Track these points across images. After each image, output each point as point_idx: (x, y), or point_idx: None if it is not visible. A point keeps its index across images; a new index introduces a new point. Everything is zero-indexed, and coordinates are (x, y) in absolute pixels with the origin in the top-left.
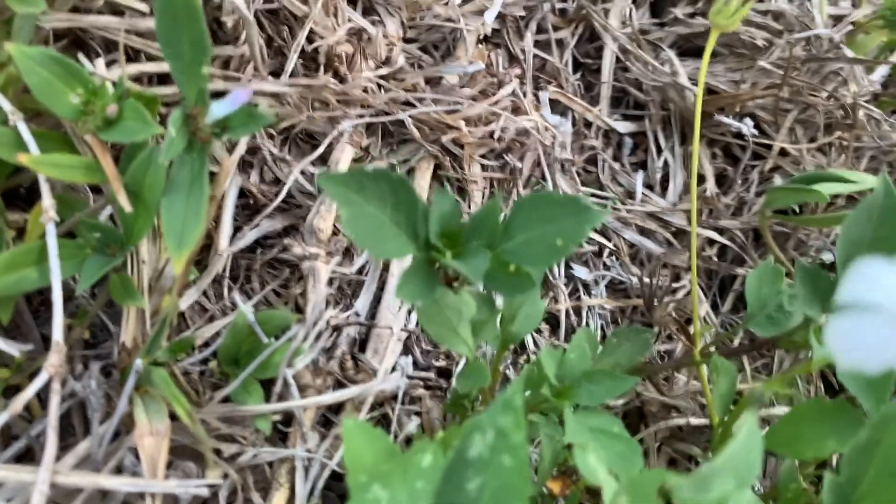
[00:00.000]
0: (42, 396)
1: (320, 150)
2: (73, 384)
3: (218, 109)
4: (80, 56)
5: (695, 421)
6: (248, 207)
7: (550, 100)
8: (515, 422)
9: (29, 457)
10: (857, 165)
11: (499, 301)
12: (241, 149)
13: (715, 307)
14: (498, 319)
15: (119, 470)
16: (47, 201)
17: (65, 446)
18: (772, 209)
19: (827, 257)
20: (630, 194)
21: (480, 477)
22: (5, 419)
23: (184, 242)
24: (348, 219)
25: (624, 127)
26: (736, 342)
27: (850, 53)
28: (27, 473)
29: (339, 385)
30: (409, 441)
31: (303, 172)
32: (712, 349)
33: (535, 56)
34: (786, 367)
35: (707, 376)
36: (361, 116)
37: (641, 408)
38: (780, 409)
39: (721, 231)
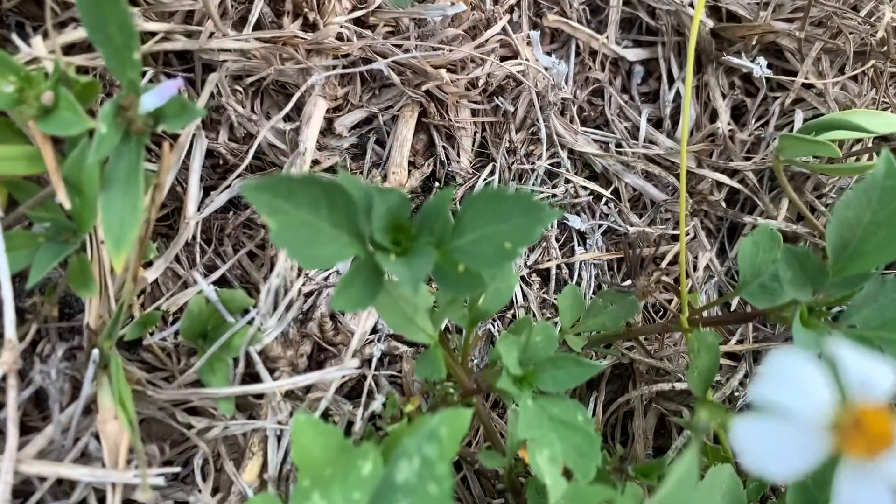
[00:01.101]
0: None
1: (288, 107)
2: (38, 368)
3: (148, 101)
4: (14, 36)
5: (680, 385)
6: (220, 167)
7: (552, 29)
8: (440, 452)
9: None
10: (892, 98)
11: None
12: (191, 126)
13: (723, 252)
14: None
15: (85, 453)
16: None
17: (45, 416)
18: (784, 157)
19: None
20: (638, 130)
21: (408, 500)
22: None
23: (122, 243)
24: (277, 230)
25: (634, 54)
26: (734, 304)
27: None
28: None
29: (318, 347)
30: (385, 405)
31: (275, 128)
32: (704, 313)
33: None
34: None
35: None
36: (334, 67)
37: (631, 363)
38: None
39: (733, 173)
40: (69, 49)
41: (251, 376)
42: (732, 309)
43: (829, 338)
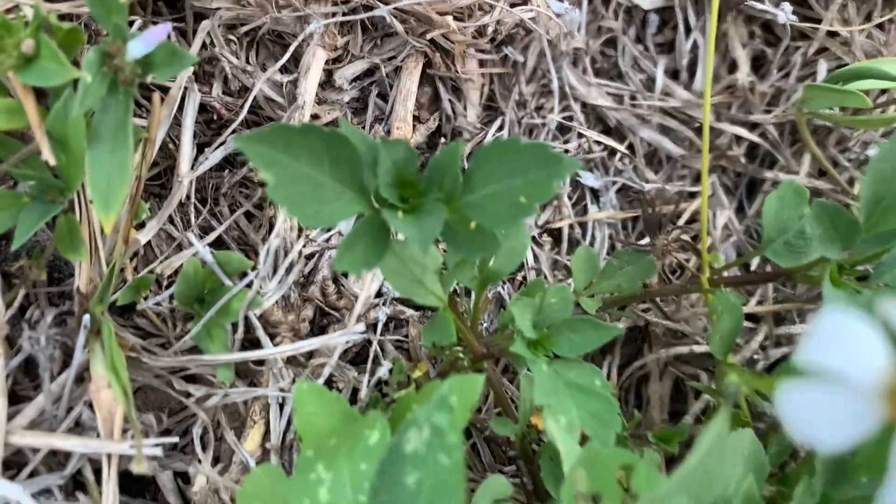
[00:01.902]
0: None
1: (285, 58)
2: (27, 334)
3: (136, 48)
4: None
5: (698, 348)
6: (214, 122)
7: None
8: (450, 421)
9: None
10: None
11: None
12: (182, 78)
13: (741, 209)
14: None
15: (78, 423)
16: None
17: (37, 384)
18: (808, 109)
19: (875, 153)
20: (653, 82)
21: (418, 472)
22: None
23: (110, 202)
24: (275, 184)
25: (649, 2)
26: (754, 264)
27: None
28: None
29: (320, 312)
30: (391, 371)
31: (271, 80)
32: (725, 273)
33: None
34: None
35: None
36: (334, 14)
37: (647, 325)
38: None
39: (753, 126)
40: None
41: (251, 342)
42: (752, 269)
43: (880, 297)
